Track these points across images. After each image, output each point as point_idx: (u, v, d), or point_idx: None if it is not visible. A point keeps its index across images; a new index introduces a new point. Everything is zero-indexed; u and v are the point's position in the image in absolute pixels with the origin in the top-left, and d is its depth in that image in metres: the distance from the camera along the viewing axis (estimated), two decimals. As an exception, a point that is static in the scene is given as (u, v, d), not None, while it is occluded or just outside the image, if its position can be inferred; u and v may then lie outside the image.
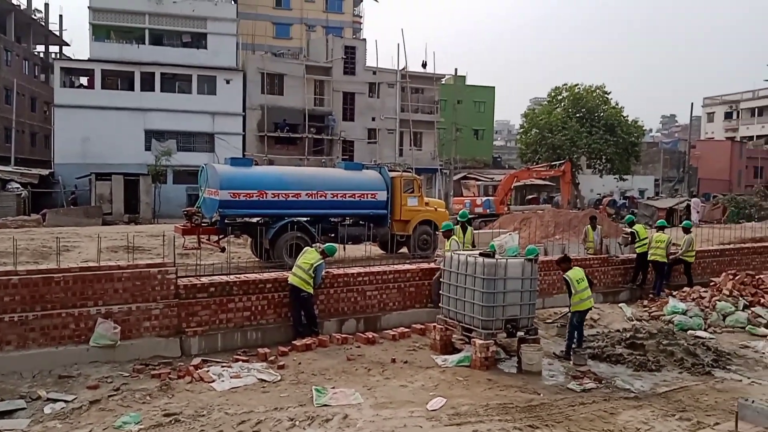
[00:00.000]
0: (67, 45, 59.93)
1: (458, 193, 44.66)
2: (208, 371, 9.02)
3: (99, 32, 43.55)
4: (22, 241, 21.56)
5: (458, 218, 15.66)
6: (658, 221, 16.30)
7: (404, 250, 20.41)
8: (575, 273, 10.74)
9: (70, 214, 33.81)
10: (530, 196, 47.22)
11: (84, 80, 45.49)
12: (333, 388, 8.54)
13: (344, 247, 18.30)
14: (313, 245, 12.38)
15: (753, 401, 4.92)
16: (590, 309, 10.89)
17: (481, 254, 10.13)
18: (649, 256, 15.31)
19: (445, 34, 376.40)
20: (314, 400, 8.08)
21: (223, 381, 8.74)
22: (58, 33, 57.76)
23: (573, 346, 10.54)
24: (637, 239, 15.49)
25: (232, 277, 11.05)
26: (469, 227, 15.11)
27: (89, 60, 42.58)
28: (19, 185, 36.65)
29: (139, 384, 8.57)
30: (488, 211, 34.06)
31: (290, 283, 10.93)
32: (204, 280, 10.69)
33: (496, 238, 10.94)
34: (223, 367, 9.30)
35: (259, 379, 8.92)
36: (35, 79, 52.20)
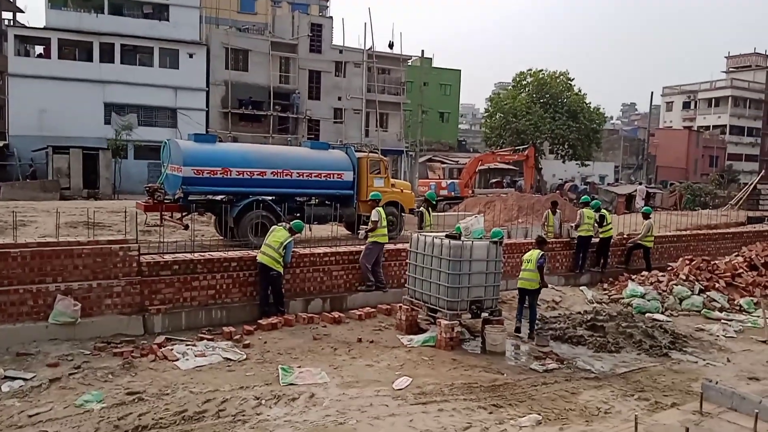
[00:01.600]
0: (21, 12, 57.42)
1: (423, 176, 44.83)
2: (172, 349, 8.91)
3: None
4: (-25, 215, 20.87)
5: (428, 198, 15.76)
6: (582, 197, 16.75)
7: (370, 230, 20.39)
8: (528, 254, 11.11)
9: (26, 188, 32.77)
10: (494, 180, 47.67)
11: (40, 49, 43.86)
12: (299, 367, 8.53)
13: (310, 227, 18.21)
14: (279, 224, 12.28)
15: (717, 382, 5.08)
16: (523, 290, 10.96)
17: (447, 236, 10.19)
18: (577, 231, 15.52)
19: (412, 16, 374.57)
20: (280, 379, 8.06)
21: (187, 359, 8.64)
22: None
23: (527, 324, 10.90)
24: (605, 223, 15.77)
25: (196, 255, 10.89)
26: (430, 209, 15.23)
27: (45, 28, 40.98)
28: (-30, 157, 35.37)
29: (101, 362, 8.41)
30: (453, 193, 34.35)
31: (259, 262, 10.82)
32: (167, 257, 10.52)
33: (462, 220, 11.03)
34: (187, 345, 9.19)
35: (224, 357, 8.85)
36: (-13, 47, 50.15)
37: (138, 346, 9.06)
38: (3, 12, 55.56)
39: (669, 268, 15.17)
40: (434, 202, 16.78)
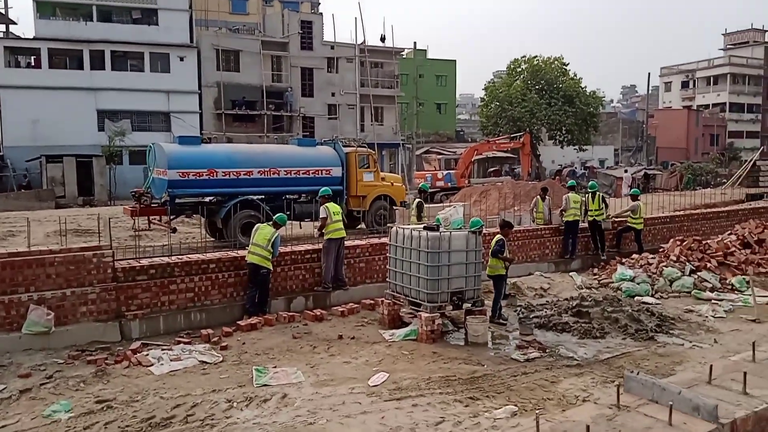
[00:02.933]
0: (14, 23, 57.47)
1: (421, 168, 44.65)
2: (147, 355, 8.79)
3: (44, 9, 41.86)
4: (-34, 228, 20.88)
5: (422, 189, 15.70)
6: (569, 182, 16.86)
7: (362, 225, 20.31)
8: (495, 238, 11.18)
9: (21, 198, 32.85)
10: (492, 169, 47.45)
11: (31, 59, 43.86)
12: (274, 367, 8.40)
13: (300, 225, 18.11)
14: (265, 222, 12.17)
15: (638, 373, 4.88)
16: (488, 276, 10.98)
17: (425, 228, 10.04)
18: (565, 217, 15.37)
19: (404, 9, 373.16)
20: (254, 380, 7.94)
21: (162, 365, 8.52)
22: (3, 11, 55.44)
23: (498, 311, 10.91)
24: (602, 206, 15.69)
25: (173, 258, 10.78)
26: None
27: (34, 38, 40.99)
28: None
29: (74, 371, 8.30)
30: (449, 184, 34.18)
31: (249, 262, 10.73)
32: (143, 262, 10.41)
33: (441, 211, 10.86)
34: (163, 350, 9.08)
35: (200, 361, 8.72)
36: (-20, 60, 50.12)
37: (113, 353, 8.95)
38: (-6, 24, 55.62)
39: (660, 250, 14.95)
40: (428, 193, 16.71)
